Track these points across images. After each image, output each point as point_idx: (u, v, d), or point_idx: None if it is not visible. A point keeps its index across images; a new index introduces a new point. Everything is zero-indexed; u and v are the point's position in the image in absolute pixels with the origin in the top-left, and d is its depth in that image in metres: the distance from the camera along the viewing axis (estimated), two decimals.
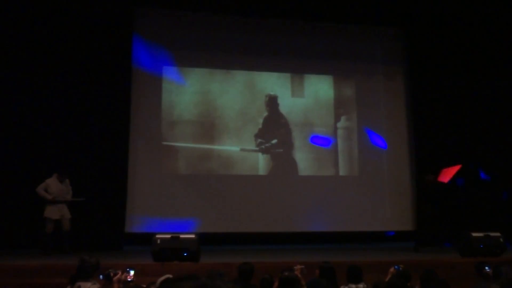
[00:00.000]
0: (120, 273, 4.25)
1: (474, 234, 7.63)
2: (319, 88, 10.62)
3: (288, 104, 10.43)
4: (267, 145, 10.17)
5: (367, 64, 10.87)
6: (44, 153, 8.72)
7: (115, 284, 4.18)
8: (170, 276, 3.39)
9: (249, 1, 10.10)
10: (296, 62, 10.51)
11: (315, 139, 10.40)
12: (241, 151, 10.02)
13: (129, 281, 4.21)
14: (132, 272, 4.30)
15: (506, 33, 10.70)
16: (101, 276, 4.24)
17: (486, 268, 5.01)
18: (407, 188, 10.57)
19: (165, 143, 9.77)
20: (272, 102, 10.34)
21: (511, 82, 10.65)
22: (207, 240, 7.83)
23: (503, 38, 10.74)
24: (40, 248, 7.79)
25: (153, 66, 9.89)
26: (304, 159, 10.33)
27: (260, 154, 10.13)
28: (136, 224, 9.27)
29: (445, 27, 10.67)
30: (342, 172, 10.50)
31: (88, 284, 4.04)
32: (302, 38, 10.57)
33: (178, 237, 6.73)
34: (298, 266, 4.85)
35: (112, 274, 4.23)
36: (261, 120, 10.25)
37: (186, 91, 9.99)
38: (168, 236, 6.73)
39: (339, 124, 10.56)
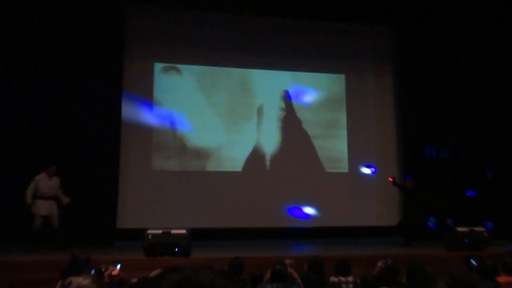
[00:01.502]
0: (111, 268, 4.30)
1: (460, 229, 7.77)
2: (310, 86, 10.68)
3: (279, 101, 10.47)
4: (256, 139, 10.24)
5: (357, 62, 10.94)
6: (35, 149, 8.71)
7: (106, 279, 4.23)
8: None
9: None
10: (287, 60, 10.54)
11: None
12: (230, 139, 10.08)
13: (114, 275, 4.27)
14: (118, 266, 4.36)
15: (497, 30, 10.78)
16: (92, 271, 4.29)
17: (472, 261, 5.12)
18: None
19: (155, 139, 9.80)
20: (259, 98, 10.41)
21: (506, 82, 10.77)
22: (198, 235, 7.88)
23: (495, 35, 10.81)
24: (27, 244, 7.66)
25: (147, 59, 9.94)
26: (293, 156, 10.38)
27: (249, 151, 10.18)
28: (127, 219, 9.30)
29: (434, 25, 10.75)
30: (331, 168, 10.57)
31: (80, 279, 4.08)
32: (293, 36, 10.61)
33: (169, 232, 6.79)
34: (288, 261, 4.91)
35: (103, 269, 4.29)
36: (252, 117, 10.31)
37: (180, 87, 10.03)
38: (160, 231, 6.78)
39: (329, 121, 10.63)
